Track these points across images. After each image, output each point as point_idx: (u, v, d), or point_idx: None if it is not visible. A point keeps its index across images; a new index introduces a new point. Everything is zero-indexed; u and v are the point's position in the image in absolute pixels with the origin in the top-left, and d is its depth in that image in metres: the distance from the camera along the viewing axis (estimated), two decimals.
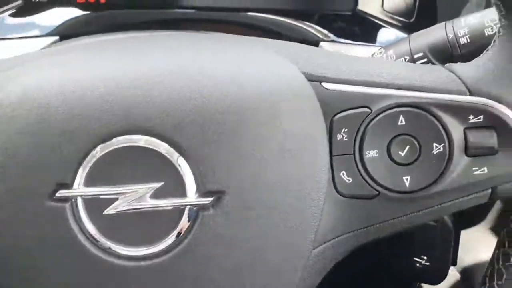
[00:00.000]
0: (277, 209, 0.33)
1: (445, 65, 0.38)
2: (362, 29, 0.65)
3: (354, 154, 0.35)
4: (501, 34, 0.35)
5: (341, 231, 0.36)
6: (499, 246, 0.40)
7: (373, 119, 0.35)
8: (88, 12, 0.63)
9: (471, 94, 0.35)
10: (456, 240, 0.59)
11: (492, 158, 0.35)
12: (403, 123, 0.35)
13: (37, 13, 0.64)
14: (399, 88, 0.35)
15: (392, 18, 0.64)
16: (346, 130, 0.35)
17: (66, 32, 0.62)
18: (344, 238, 0.36)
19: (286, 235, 0.34)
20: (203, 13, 0.64)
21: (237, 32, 0.55)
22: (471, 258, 0.68)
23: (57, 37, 0.62)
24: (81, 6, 0.64)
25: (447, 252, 0.59)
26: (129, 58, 0.34)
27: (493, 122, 0.35)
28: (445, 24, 0.45)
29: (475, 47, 0.43)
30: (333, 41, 0.64)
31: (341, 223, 0.36)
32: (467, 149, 0.35)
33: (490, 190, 0.36)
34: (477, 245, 0.67)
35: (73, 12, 0.63)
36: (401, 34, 0.63)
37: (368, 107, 0.35)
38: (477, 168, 0.35)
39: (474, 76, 0.36)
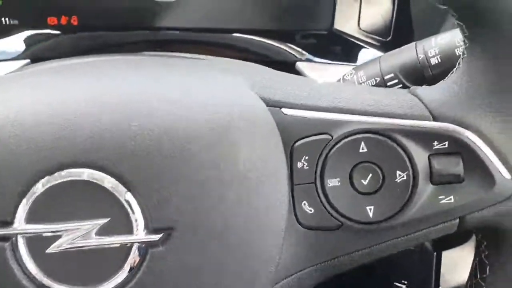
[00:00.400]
0: (233, 244, 0.31)
1: (410, 88, 0.36)
2: (339, 48, 0.64)
3: (315, 183, 0.34)
4: (465, 55, 0.34)
5: (304, 265, 0.34)
6: (471, 277, 0.38)
7: (334, 146, 0.34)
8: (59, 33, 0.62)
9: (435, 119, 0.34)
10: (437, 263, 0.58)
11: (459, 186, 0.34)
12: (365, 150, 0.34)
13: (8, 36, 0.63)
14: (360, 113, 0.34)
15: (369, 37, 0.63)
16: (306, 158, 0.34)
17: (37, 55, 0.61)
18: (307, 272, 0.35)
19: (244, 271, 0.32)
20: (177, 33, 0.63)
21: (212, 52, 0.54)
22: (457, 278, 0.66)
23: (28, 60, 0.61)
24: (54, 28, 0.63)
25: (429, 276, 0.57)
26: (70, 87, 0.32)
27: (459, 148, 0.34)
28: (416, 44, 0.43)
29: (446, 68, 0.41)
30: (309, 60, 0.63)
31: (304, 256, 0.34)
32: (432, 177, 0.34)
33: (457, 220, 0.34)
34: (463, 265, 0.65)
35: (44, 35, 0.62)
36: (378, 53, 0.62)
37: (328, 134, 0.34)
38: (443, 196, 0.34)
39: (438, 100, 0.34)
